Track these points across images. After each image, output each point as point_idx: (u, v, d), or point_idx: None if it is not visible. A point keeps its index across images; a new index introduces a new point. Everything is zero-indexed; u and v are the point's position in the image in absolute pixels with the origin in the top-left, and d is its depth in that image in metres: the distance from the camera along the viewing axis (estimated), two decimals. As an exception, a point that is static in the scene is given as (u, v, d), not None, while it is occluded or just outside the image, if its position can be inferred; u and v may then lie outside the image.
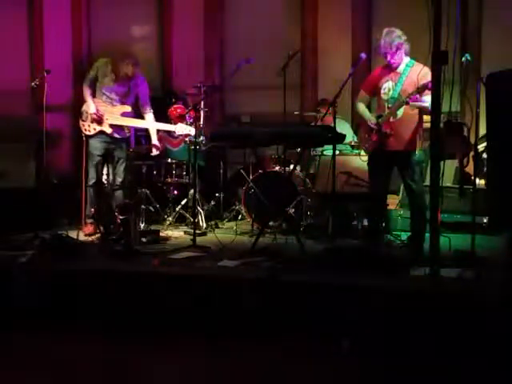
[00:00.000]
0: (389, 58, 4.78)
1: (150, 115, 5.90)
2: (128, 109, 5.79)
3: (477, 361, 3.44)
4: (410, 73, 4.75)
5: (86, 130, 5.77)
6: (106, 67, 5.75)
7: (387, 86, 4.85)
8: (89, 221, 5.70)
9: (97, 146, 5.76)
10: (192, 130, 5.77)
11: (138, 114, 5.93)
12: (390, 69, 4.86)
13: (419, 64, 4.74)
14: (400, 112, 4.75)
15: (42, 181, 6.31)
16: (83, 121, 5.77)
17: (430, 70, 4.17)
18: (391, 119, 4.77)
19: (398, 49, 4.73)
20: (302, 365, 3.54)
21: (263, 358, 3.63)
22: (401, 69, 4.82)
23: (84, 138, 5.79)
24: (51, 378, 3.49)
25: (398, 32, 4.75)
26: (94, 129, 5.73)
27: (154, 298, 4.11)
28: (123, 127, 5.82)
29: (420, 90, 4.56)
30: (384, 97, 4.86)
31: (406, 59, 4.83)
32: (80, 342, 3.91)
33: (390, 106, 4.79)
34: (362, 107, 5.03)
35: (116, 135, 5.79)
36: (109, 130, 5.73)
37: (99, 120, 5.68)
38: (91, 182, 5.75)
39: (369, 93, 5.05)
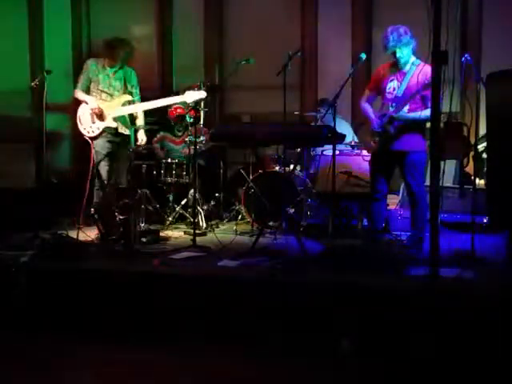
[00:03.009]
0: (398, 53, 4.73)
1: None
2: (128, 97, 5.77)
3: (476, 360, 3.44)
4: (415, 72, 4.72)
5: (88, 132, 5.73)
6: (97, 65, 5.77)
7: (392, 85, 4.83)
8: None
9: (103, 145, 5.74)
10: (203, 93, 5.64)
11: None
12: (395, 67, 4.83)
13: (423, 63, 4.71)
14: (404, 110, 4.74)
15: (42, 181, 6.30)
16: (83, 124, 5.75)
17: (430, 68, 4.18)
18: (394, 118, 4.75)
19: (405, 44, 4.69)
20: (302, 365, 3.54)
21: (263, 357, 3.63)
22: (407, 68, 4.80)
23: (90, 141, 5.71)
24: (51, 377, 3.49)
25: (404, 28, 4.72)
26: (98, 128, 5.71)
27: (154, 298, 4.11)
28: (128, 122, 5.80)
29: (425, 87, 4.56)
30: (388, 96, 4.84)
31: (413, 58, 4.80)
32: (80, 342, 3.91)
33: (393, 104, 4.77)
34: (366, 108, 4.99)
35: (122, 131, 5.78)
36: (114, 125, 5.71)
37: (100, 115, 5.65)
38: (101, 183, 5.74)
39: (374, 92, 5.02)
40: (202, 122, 6.32)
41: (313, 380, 3.40)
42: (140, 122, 5.94)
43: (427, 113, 4.54)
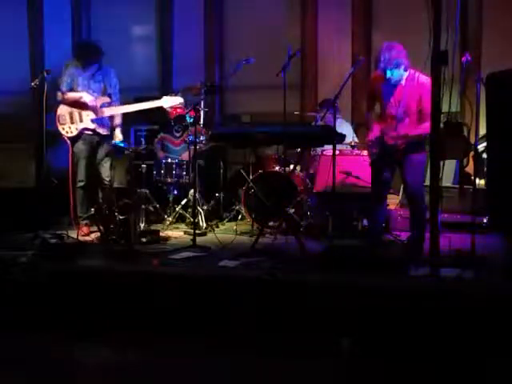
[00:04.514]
0: (388, 74, 4.66)
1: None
2: (107, 99, 5.77)
3: (478, 360, 3.45)
4: (412, 87, 4.67)
5: (67, 132, 5.72)
6: (77, 67, 5.77)
7: (392, 101, 4.75)
8: (83, 222, 5.70)
9: (82, 148, 5.74)
10: (179, 99, 5.71)
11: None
12: (390, 84, 4.76)
13: (417, 74, 4.67)
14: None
15: (42, 181, 6.30)
16: (62, 124, 5.74)
17: (426, 76, 4.18)
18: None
19: (398, 65, 4.64)
20: (302, 365, 3.54)
21: (263, 357, 3.63)
22: (402, 84, 4.72)
23: (68, 141, 5.73)
24: (50, 376, 3.50)
25: (399, 47, 4.63)
26: (76, 128, 5.71)
27: (154, 297, 4.11)
28: (108, 121, 5.81)
29: (415, 106, 4.60)
30: (389, 111, 4.77)
31: (405, 74, 4.71)
32: (79, 342, 3.92)
33: (395, 125, 4.71)
34: (371, 122, 4.94)
35: (100, 131, 5.77)
36: (92, 126, 5.71)
37: (95, 108, 5.65)
38: (80, 184, 5.72)
39: (374, 103, 4.99)
40: (201, 122, 6.32)
41: (313, 380, 3.40)
42: (117, 121, 5.89)
43: (425, 126, 4.51)
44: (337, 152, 4.98)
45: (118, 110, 5.82)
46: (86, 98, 5.68)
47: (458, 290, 3.71)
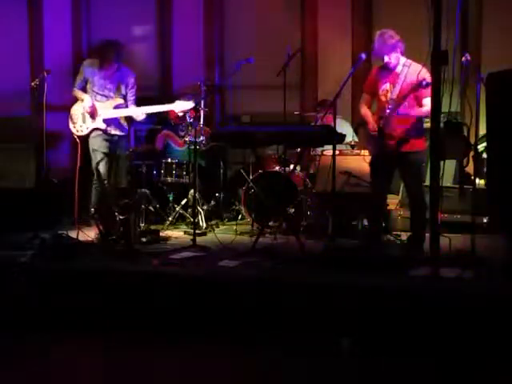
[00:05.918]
0: (386, 58, 4.78)
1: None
2: (121, 101, 5.76)
3: (477, 360, 3.45)
4: (408, 73, 4.75)
5: (78, 131, 5.73)
6: (93, 67, 5.77)
7: (385, 88, 4.85)
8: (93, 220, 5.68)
9: (100, 145, 5.73)
10: (191, 104, 5.72)
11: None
12: (387, 70, 4.86)
13: (416, 64, 4.73)
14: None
15: (42, 181, 6.30)
16: (74, 123, 5.75)
17: (427, 70, 4.21)
18: (391, 119, 4.76)
19: (392, 48, 4.73)
20: (302, 365, 3.54)
21: (263, 357, 3.63)
22: (398, 69, 4.82)
23: (78, 140, 5.73)
24: (50, 378, 3.50)
25: (391, 32, 4.76)
26: (87, 128, 5.71)
27: (154, 297, 4.12)
28: (121, 123, 5.80)
29: (415, 88, 4.59)
30: (383, 98, 4.85)
31: (403, 59, 4.83)
32: (79, 342, 3.92)
33: (389, 107, 4.78)
34: (365, 111, 5.00)
35: (113, 131, 5.76)
36: (103, 126, 5.69)
37: (92, 114, 5.64)
38: (100, 182, 5.70)
39: (371, 94, 5.03)
40: (201, 122, 6.32)
41: (313, 380, 3.40)
42: (137, 118, 5.85)
43: (420, 110, 4.57)
44: (337, 152, 4.97)
45: (131, 112, 5.78)
46: (86, 103, 5.67)
47: (458, 290, 3.71)
